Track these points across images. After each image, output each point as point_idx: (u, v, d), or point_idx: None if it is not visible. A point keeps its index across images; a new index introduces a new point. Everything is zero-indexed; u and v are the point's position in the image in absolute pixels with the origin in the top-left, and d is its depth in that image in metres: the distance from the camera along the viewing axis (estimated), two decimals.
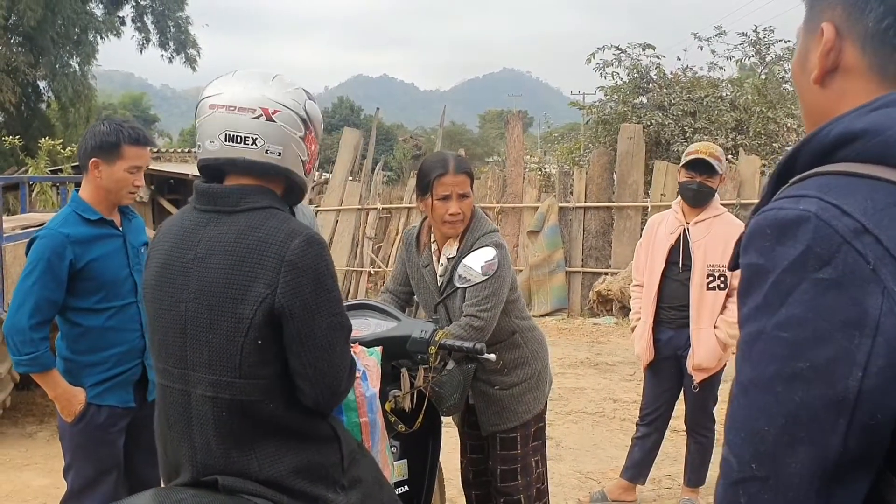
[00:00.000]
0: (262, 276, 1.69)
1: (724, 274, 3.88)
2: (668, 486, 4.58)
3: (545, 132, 21.60)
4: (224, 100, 1.78)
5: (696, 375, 3.97)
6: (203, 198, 1.81)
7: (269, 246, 1.70)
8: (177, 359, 1.78)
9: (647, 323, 4.07)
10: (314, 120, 1.88)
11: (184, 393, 1.77)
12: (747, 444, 0.85)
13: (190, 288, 1.74)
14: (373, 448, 2.17)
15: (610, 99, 13.48)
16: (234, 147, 1.77)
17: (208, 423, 1.74)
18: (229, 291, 1.70)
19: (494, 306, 2.74)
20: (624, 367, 7.54)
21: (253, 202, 1.77)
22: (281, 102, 1.80)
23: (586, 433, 5.59)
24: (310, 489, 1.76)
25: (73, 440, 2.85)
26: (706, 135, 11.50)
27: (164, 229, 1.89)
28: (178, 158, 17.64)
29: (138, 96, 58.70)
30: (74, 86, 18.81)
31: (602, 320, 9.68)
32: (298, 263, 1.70)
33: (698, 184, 3.91)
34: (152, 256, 1.87)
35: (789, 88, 13.07)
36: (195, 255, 1.75)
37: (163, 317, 1.80)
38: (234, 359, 1.71)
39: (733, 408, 0.89)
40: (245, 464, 1.74)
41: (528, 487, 2.98)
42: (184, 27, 21.28)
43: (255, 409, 1.73)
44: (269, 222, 1.74)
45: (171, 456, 1.85)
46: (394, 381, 2.54)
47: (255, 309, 1.69)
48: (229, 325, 1.70)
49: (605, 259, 10.43)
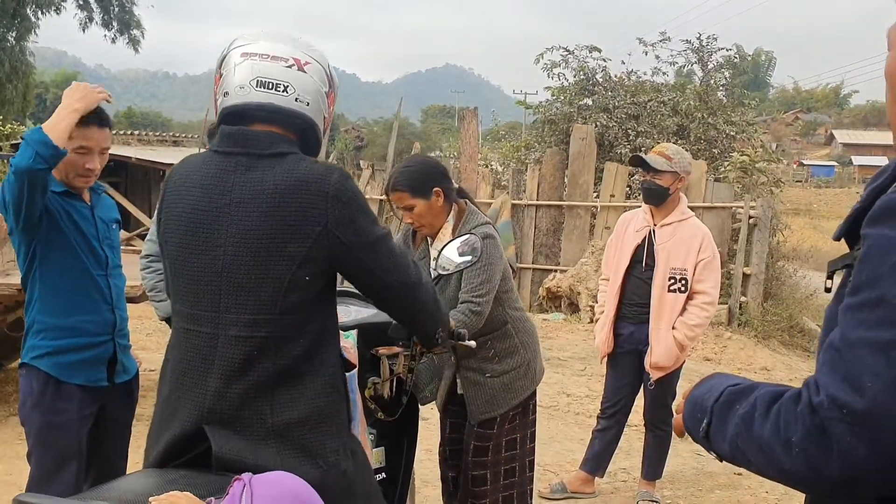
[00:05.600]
0: (310, 214, 1.74)
1: (685, 277, 4.02)
2: (624, 479, 4.71)
3: (491, 129, 21.68)
4: (258, 48, 1.83)
5: (653, 373, 4.10)
6: (231, 139, 1.82)
7: (310, 184, 1.75)
8: (208, 302, 1.79)
9: (609, 316, 4.20)
10: (335, 81, 1.95)
11: (211, 336, 1.78)
12: (847, 392, 0.95)
13: (229, 232, 1.76)
14: (354, 427, 2.21)
15: (556, 99, 13.65)
16: (264, 92, 1.80)
17: (234, 364, 1.76)
18: (275, 232, 1.73)
19: (489, 291, 2.87)
20: (574, 362, 7.69)
21: (282, 147, 1.81)
22: (311, 56, 1.87)
23: (542, 426, 5.65)
24: (315, 441, 1.78)
25: (34, 425, 2.73)
26: (648, 138, 11.76)
27: (180, 174, 1.88)
28: (120, 141, 17.18)
29: (72, 75, 56.79)
30: (11, 61, 18.16)
31: (551, 316, 9.85)
32: (342, 197, 1.76)
33: (647, 181, 4.09)
34: (171, 202, 1.87)
35: (723, 98, 13.49)
36: (230, 199, 1.77)
37: (193, 262, 1.80)
38: (277, 296, 1.75)
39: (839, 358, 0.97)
40: (259, 407, 1.76)
41: (497, 465, 3.06)
42: (128, 7, 20.71)
43: (287, 348, 1.77)
44: (302, 164, 1.79)
45: (169, 409, 1.84)
46: (372, 369, 2.57)
47: (309, 245, 1.74)
48: (278, 264, 1.74)
49: (554, 256, 10.60)
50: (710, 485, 4.69)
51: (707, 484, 4.71)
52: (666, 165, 4.00)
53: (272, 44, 1.83)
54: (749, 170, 10.69)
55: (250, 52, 1.82)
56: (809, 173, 50.86)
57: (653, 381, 4.12)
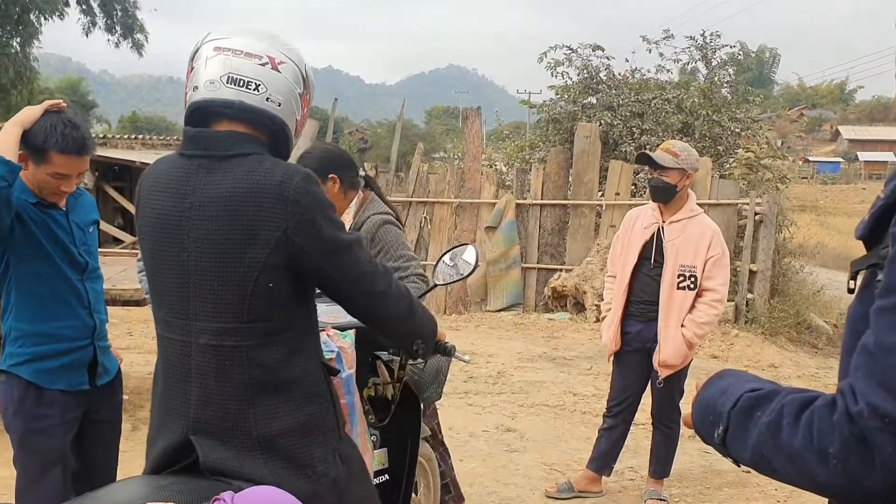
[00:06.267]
0: (269, 219, 1.67)
1: (694, 274, 3.99)
2: (632, 477, 4.68)
3: (494, 129, 21.66)
4: (231, 44, 1.76)
5: (661, 371, 4.07)
6: (192, 142, 1.77)
7: (269, 187, 1.68)
8: (178, 309, 1.75)
9: (616, 314, 4.17)
10: (310, 83, 1.89)
11: (184, 344, 1.75)
12: (887, 401, 0.91)
13: (190, 237, 1.71)
14: (352, 430, 2.17)
15: (560, 98, 13.61)
16: (234, 90, 1.74)
17: (209, 374, 1.72)
18: (235, 237, 1.68)
19: (411, 258, 2.97)
20: (581, 361, 7.66)
21: (245, 148, 1.74)
22: (287, 55, 1.81)
23: (549, 425, 5.68)
24: (303, 452, 1.75)
25: (17, 432, 2.72)
26: (653, 136, 11.72)
27: (149, 179, 1.84)
28: (125, 145, 17.23)
29: (76, 81, 56.89)
30: (16, 67, 18.19)
31: (557, 316, 9.82)
32: (303, 200, 1.69)
33: (654, 179, 4.06)
34: (143, 207, 1.83)
35: (728, 95, 13.44)
36: (191, 203, 1.71)
37: (163, 268, 1.77)
38: (241, 304, 1.70)
39: (874, 363, 0.94)
40: (241, 418, 1.72)
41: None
42: (131, 11, 20.71)
43: (259, 357, 1.72)
44: (263, 165, 1.71)
45: (160, 416, 1.82)
46: (372, 371, 2.56)
47: (269, 252, 1.68)
48: (237, 271, 1.69)
49: (560, 255, 10.57)
50: (719, 482, 4.66)
51: (715, 481, 4.67)
52: (673, 162, 3.97)
53: (247, 39, 1.77)
54: (754, 166, 10.64)
55: (224, 46, 1.76)
56: (815, 170, 50.71)
57: (661, 380, 4.09)
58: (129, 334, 8.27)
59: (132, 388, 5.98)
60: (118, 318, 8.72)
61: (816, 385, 7.35)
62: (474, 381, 6.81)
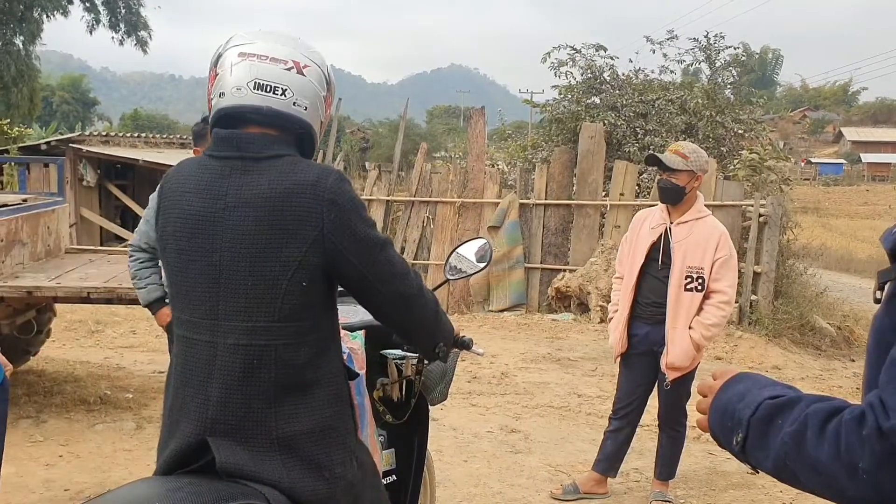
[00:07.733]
0: (305, 218, 1.70)
1: (702, 276, 3.97)
2: (637, 479, 4.67)
3: (497, 128, 21.63)
4: (256, 49, 1.78)
5: (668, 374, 4.06)
6: (225, 143, 1.79)
7: (305, 187, 1.71)
8: (206, 309, 1.76)
9: (623, 315, 4.16)
10: (332, 85, 1.92)
11: (210, 345, 1.75)
12: None
13: (224, 237, 1.73)
14: (362, 432, 2.16)
15: (564, 98, 13.60)
16: (261, 95, 1.76)
17: (234, 374, 1.72)
18: (272, 237, 1.70)
19: None
20: (585, 362, 7.64)
21: (277, 150, 1.77)
22: (311, 59, 1.83)
23: (554, 427, 5.67)
24: (322, 453, 1.75)
25: None
26: (657, 136, 11.71)
27: (176, 179, 1.85)
28: (128, 143, 17.21)
29: (78, 78, 57.11)
30: (18, 65, 18.20)
31: (560, 316, 9.79)
32: (338, 200, 1.72)
33: (662, 180, 4.05)
34: (168, 208, 1.83)
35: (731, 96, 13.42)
36: (225, 204, 1.73)
37: (191, 268, 1.77)
38: (274, 303, 1.71)
39: None
40: (262, 418, 1.73)
41: None
42: (135, 8, 20.72)
43: (288, 357, 1.74)
44: (298, 166, 1.75)
45: (173, 417, 1.81)
46: (381, 370, 2.54)
47: (305, 251, 1.70)
48: (273, 270, 1.70)
49: (563, 256, 10.55)
50: (724, 484, 4.65)
51: (720, 483, 4.66)
52: (682, 164, 3.96)
53: (271, 44, 1.79)
54: (758, 168, 10.62)
55: (248, 52, 1.78)
56: (817, 171, 50.70)
57: (668, 382, 4.08)
58: (132, 333, 8.27)
59: (136, 386, 5.98)
60: (121, 317, 8.72)
61: (820, 386, 7.34)
62: (478, 381, 6.79)
